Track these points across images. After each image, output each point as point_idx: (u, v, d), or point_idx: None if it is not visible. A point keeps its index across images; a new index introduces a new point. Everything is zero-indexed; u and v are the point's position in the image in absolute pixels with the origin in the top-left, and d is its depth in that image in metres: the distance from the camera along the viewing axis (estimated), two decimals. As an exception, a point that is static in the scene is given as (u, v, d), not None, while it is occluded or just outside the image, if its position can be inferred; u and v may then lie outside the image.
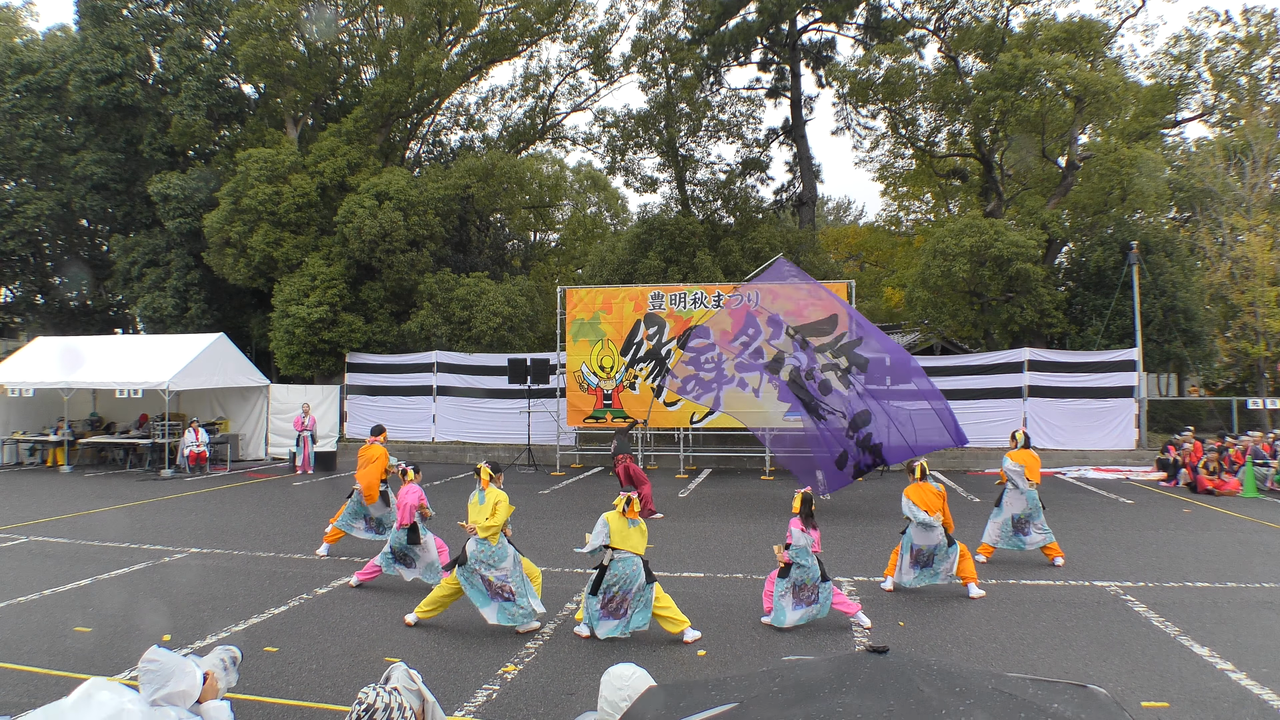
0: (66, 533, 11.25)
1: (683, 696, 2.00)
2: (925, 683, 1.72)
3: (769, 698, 1.82)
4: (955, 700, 1.66)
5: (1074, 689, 1.88)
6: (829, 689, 1.76)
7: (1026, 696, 1.72)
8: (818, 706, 1.69)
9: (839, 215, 53.44)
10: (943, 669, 1.82)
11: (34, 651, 6.39)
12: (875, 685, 1.73)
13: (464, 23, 26.50)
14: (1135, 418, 19.03)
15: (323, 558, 9.77)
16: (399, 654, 6.31)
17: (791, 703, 1.75)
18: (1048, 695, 1.78)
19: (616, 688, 2.58)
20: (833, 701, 1.69)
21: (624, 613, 6.66)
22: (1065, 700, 1.78)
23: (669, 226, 26.06)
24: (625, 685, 2.57)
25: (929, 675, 1.77)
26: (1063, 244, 24.28)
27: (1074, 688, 1.89)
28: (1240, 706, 5.32)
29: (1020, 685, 1.80)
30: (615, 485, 16.42)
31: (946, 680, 1.75)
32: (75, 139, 26.96)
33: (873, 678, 1.76)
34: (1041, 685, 1.87)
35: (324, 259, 23.04)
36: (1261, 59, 26.45)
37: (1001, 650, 6.46)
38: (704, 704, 1.86)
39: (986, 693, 1.71)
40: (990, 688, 1.74)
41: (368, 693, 2.47)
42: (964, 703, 1.65)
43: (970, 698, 1.67)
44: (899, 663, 1.82)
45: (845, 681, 1.77)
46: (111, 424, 20.95)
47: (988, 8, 25.01)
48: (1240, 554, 9.89)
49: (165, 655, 3.18)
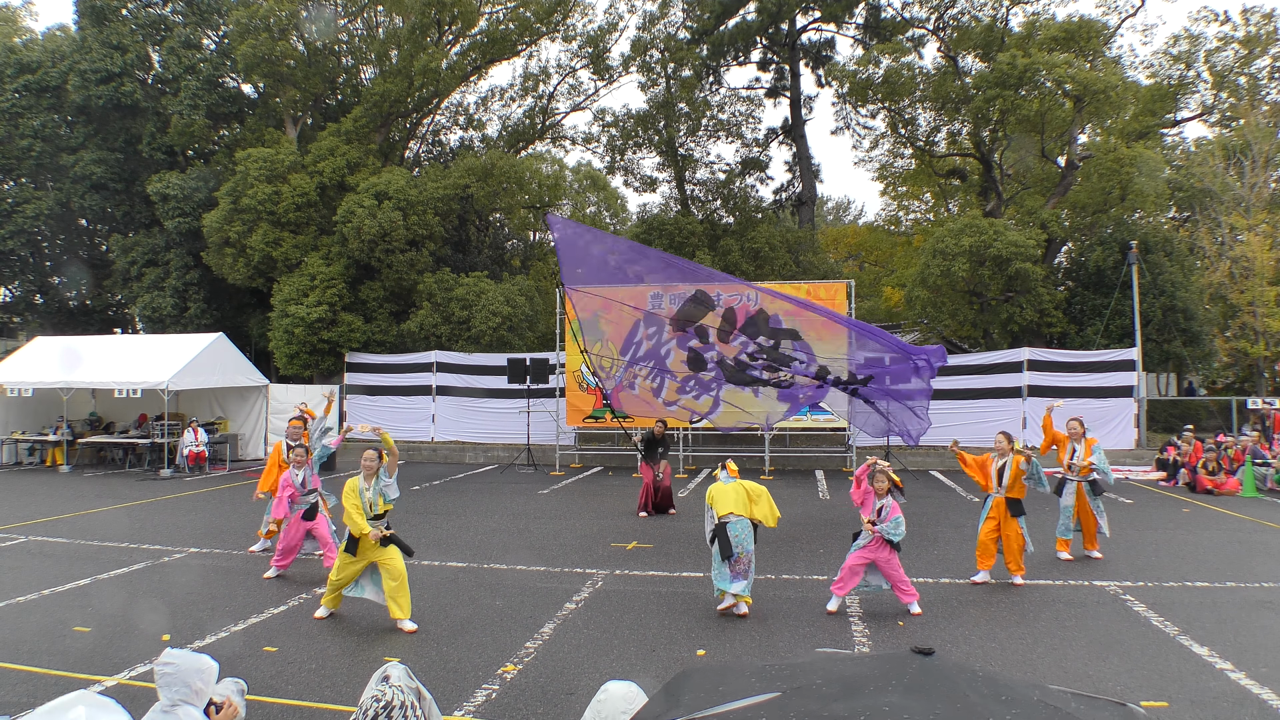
0: (65, 532, 11.24)
1: (721, 680, 1.97)
2: (971, 688, 1.71)
3: (812, 689, 1.80)
4: (1001, 708, 1.64)
5: (1115, 706, 1.88)
6: (874, 686, 1.74)
7: (1070, 710, 1.71)
8: (863, 703, 1.67)
9: (838, 215, 53.46)
10: (988, 676, 1.81)
11: (33, 651, 6.38)
12: (921, 686, 1.71)
13: (463, 22, 26.50)
14: (1135, 417, 19.03)
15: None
16: (398, 654, 6.31)
17: (835, 697, 1.73)
18: (1090, 710, 1.78)
19: (621, 711, 2.39)
20: (878, 699, 1.67)
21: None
22: (1107, 717, 1.77)
23: (668, 226, 26.05)
24: (630, 707, 2.39)
25: (974, 681, 1.75)
26: (1062, 244, 24.29)
27: (1115, 705, 1.89)
28: (1240, 706, 5.32)
29: (1063, 699, 1.79)
30: (613, 486, 16.45)
31: (992, 687, 1.73)
32: (74, 139, 26.94)
33: (918, 679, 1.74)
34: (1083, 700, 1.86)
35: (323, 259, 23.03)
36: (1261, 58, 26.48)
37: (1001, 650, 6.46)
38: (744, 690, 1.83)
39: (1031, 703, 1.69)
40: (1035, 698, 1.73)
41: (384, 690, 2.45)
42: (1010, 711, 1.63)
43: (1016, 707, 1.66)
44: (944, 666, 1.81)
45: (890, 680, 1.75)
46: (111, 424, 20.94)
47: (987, 7, 25.02)
48: (1240, 554, 9.89)
49: (181, 655, 3.16)
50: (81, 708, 2.50)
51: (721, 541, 7.32)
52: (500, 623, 7.16)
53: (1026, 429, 19.21)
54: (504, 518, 12.62)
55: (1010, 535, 8.44)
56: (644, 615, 7.38)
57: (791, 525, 11.78)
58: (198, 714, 3.05)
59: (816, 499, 14.54)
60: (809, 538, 10.84)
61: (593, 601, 7.83)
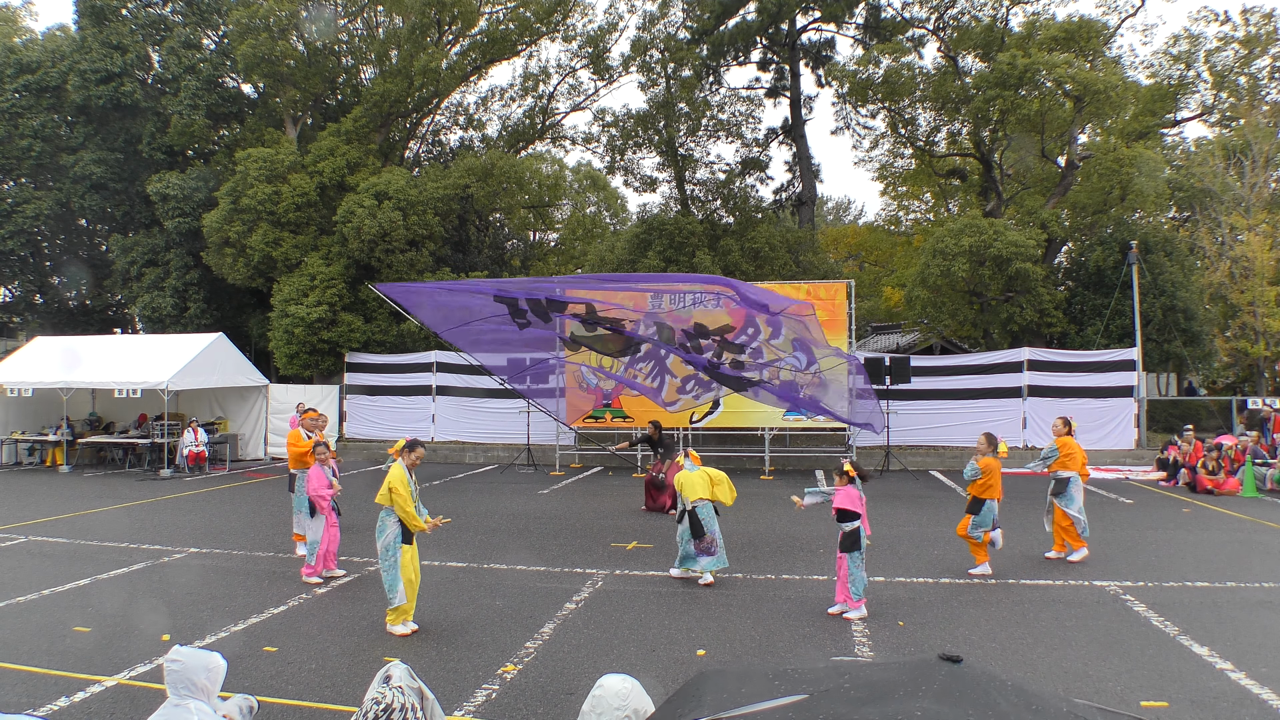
0: (65, 532, 11.24)
1: (743, 683, 1.97)
2: (1001, 697, 1.71)
3: (840, 693, 1.80)
4: (1032, 718, 1.64)
5: None
6: (903, 692, 1.74)
7: None
8: (892, 708, 1.66)
9: (838, 215, 53.47)
10: (1017, 686, 1.81)
11: (33, 651, 6.38)
12: (951, 693, 1.71)
13: (463, 22, 26.49)
14: (1135, 417, 19.03)
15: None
16: (398, 654, 6.30)
17: (864, 701, 1.73)
18: None
19: (615, 707, 2.36)
20: (909, 705, 1.66)
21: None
22: None
23: (668, 226, 26.04)
24: (624, 704, 2.38)
25: (1004, 690, 1.75)
26: (1062, 244, 24.29)
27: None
28: (1240, 706, 5.32)
29: (1090, 712, 1.80)
30: (612, 486, 16.46)
31: (1022, 698, 1.73)
32: (74, 139, 26.94)
33: (947, 686, 1.74)
34: (1108, 715, 1.87)
35: (323, 259, 23.03)
36: (1261, 58, 26.47)
37: (1001, 650, 6.46)
38: (768, 693, 1.83)
39: (1061, 714, 1.69)
40: (1064, 710, 1.73)
41: (384, 692, 2.44)
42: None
43: (1046, 717, 1.65)
44: (973, 674, 1.80)
45: (920, 687, 1.75)
46: (110, 424, 20.94)
47: (987, 7, 25.01)
48: (1240, 554, 9.89)
49: (188, 653, 3.18)
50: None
51: (693, 523, 8.29)
52: (500, 623, 7.16)
53: (1026, 429, 19.24)
54: (504, 518, 12.62)
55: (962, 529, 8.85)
56: (644, 615, 7.38)
57: (791, 525, 11.79)
58: (207, 709, 3.07)
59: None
60: (809, 537, 10.83)
61: (593, 601, 7.83)
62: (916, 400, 19.42)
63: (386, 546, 6.95)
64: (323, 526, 8.62)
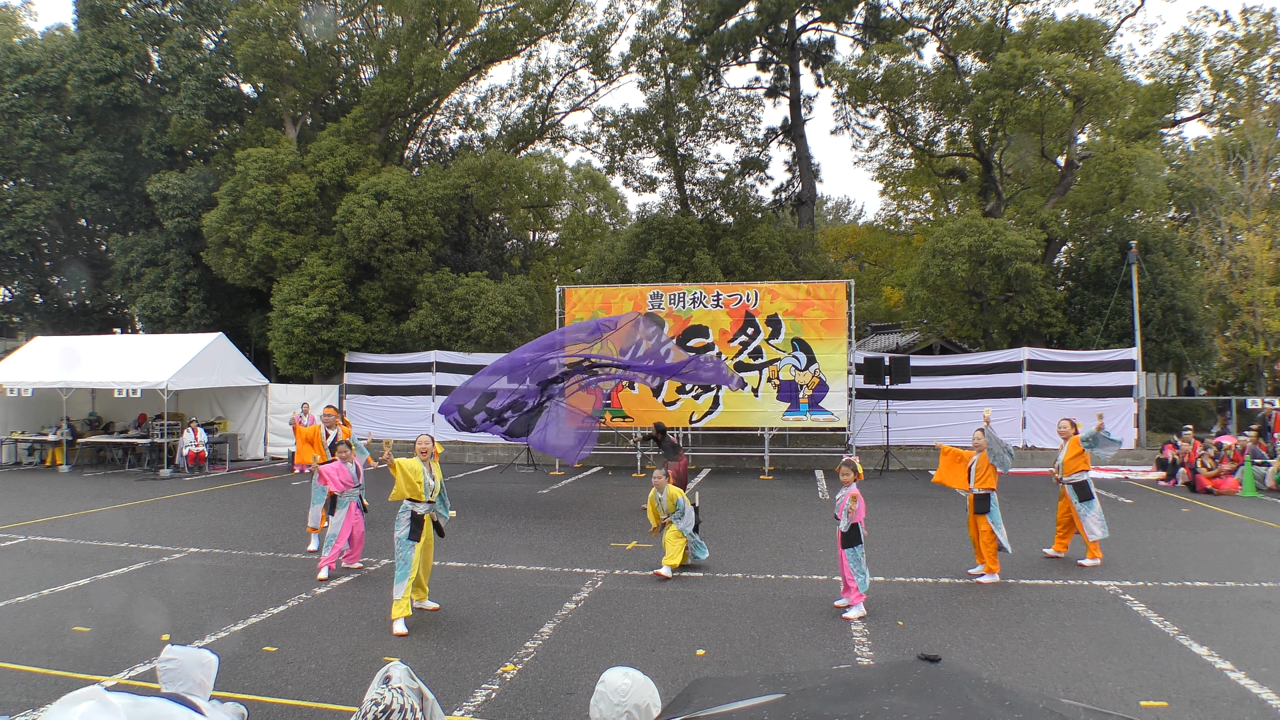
0: (65, 532, 11.24)
1: (731, 687, 2.01)
2: (975, 694, 1.71)
3: (816, 692, 1.82)
4: (1004, 713, 1.64)
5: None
6: (877, 689, 1.76)
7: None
8: (864, 705, 1.69)
9: (838, 215, 53.46)
10: (994, 684, 1.81)
11: (33, 651, 6.39)
12: (924, 690, 1.72)
13: (463, 22, 26.49)
14: (1134, 417, 19.04)
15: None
16: (398, 653, 6.30)
17: (838, 699, 1.75)
18: None
19: (614, 703, 2.32)
20: (880, 701, 1.68)
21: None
22: None
23: (668, 226, 26.04)
24: (624, 700, 2.34)
25: (979, 687, 1.76)
26: (1062, 243, 24.29)
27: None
28: (1239, 706, 5.32)
29: (1073, 711, 1.79)
30: (612, 486, 16.47)
31: (996, 694, 1.74)
32: (74, 138, 26.93)
33: (922, 683, 1.75)
34: (1094, 714, 1.87)
35: (323, 258, 23.03)
36: (1260, 58, 26.48)
37: (1001, 650, 6.46)
38: (753, 694, 1.86)
39: (1037, 711, 1.69)
40: (1041, 707, 1.73)
41: (383, 692, 2.43)
42: (1013, 716, 1.63)
43: (1020, 712, 1.66)
44: (949, 672, 1.82)
45: (894, 684, 1.77)
46: (110, 424, 20.94)
47: (986, 7, 25.02)
48: (1239, 553, 9.89)
49: (183, 651, 3.20)
50: (88, 703, 2.46)
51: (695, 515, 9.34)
52: (500, 623, 7.16)
53: (1026, 429, 19.25)
54: (504, 518, 12.62)
55: (981, 531, 8.60)
56: (644, 615, 7.38)
57: (791, 525, 11.79)
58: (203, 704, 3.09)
59: (816, 499, 14.53)
60: (808, 537, 10.84)
61: (593, 601, 7.83)
62: (916, 400, 19.43)
63: (398, 540, 7.30)
64: (343, 520, 8.74)
